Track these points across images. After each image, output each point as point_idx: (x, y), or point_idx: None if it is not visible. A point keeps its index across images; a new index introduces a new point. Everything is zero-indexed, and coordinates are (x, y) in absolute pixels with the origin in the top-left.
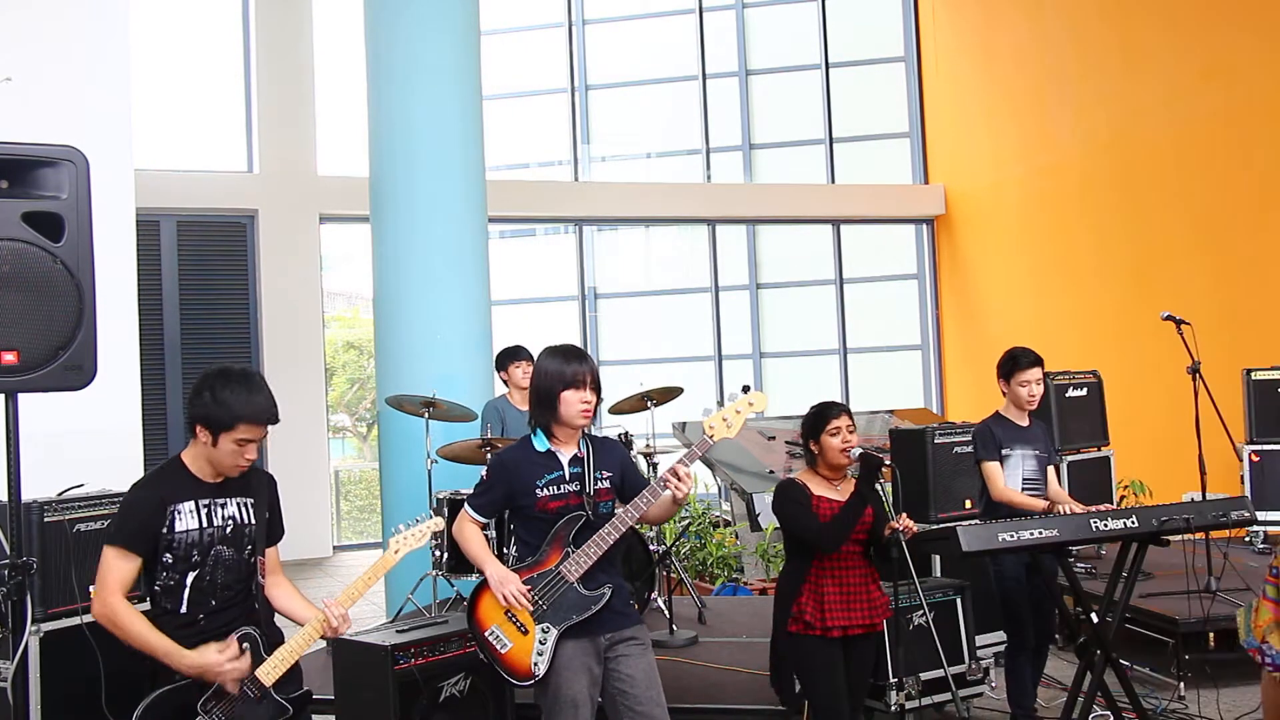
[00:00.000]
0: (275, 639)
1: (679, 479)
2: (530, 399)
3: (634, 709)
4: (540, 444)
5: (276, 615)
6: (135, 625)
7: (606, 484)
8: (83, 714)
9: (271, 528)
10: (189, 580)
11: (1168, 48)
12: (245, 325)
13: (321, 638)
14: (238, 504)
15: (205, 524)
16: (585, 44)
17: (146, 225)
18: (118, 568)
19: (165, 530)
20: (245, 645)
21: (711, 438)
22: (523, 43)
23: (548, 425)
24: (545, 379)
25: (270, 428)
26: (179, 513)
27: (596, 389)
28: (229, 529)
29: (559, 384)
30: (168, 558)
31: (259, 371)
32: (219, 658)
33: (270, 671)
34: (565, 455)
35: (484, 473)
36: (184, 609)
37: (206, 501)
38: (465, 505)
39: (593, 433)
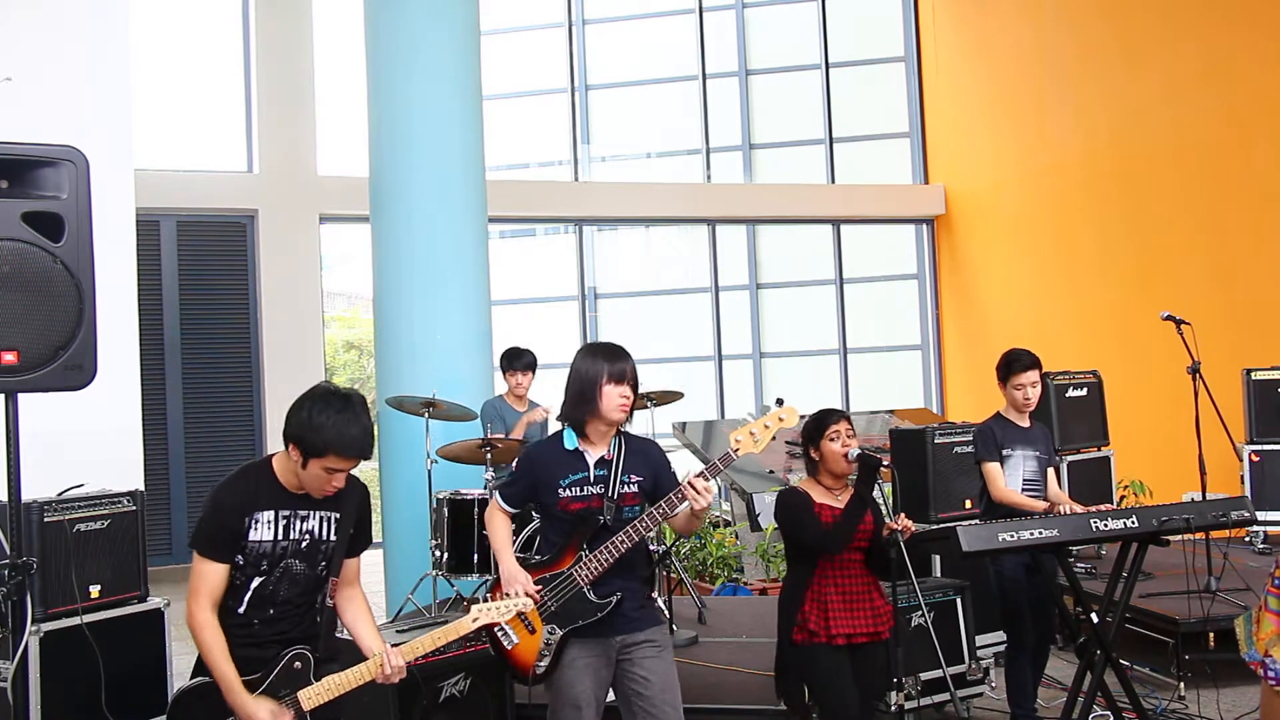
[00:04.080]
0: (332, 655)
1: (697, 491)
2: (566, 395)
3: (648, 710)
4: (569, 442)
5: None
6: (211, 646)
7: (634, 488)
8: (83, 714)
9: (355, 540)
10: (253, 584)
11: (1168, 47)
12: (245, 325)
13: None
14: (320, 517)
15: (280, 536)
16: (585, 44)
17: (146, 225)
18: (205, 574)
19: (242, 537)
20: (297, 664)
21: (736, 451)
22: (523, 43)
23: (581, 422)
24: (587, 373)
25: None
26: (256, 521)
27: (635, 387)
28: (304, 544)
29: (601, 376)
30: (239, 559)
31: (362, 397)
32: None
33: (313, 696)
34: (592, 456)
35: (514, 464)
36: (242, 610)
37: (287, 512)
38: (496, 493)
39: (630, 432)
